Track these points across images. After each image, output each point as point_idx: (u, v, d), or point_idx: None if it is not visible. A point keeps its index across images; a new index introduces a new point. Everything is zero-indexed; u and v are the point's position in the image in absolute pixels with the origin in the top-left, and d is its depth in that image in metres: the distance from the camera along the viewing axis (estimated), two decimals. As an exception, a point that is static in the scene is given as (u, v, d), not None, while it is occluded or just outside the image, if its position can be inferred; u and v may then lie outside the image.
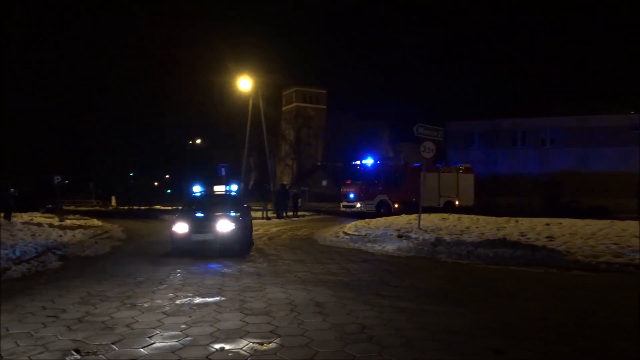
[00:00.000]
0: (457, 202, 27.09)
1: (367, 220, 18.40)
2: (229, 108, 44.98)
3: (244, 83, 30.36)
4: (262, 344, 4.69)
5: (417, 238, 12.51)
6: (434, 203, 25.45)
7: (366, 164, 27.01)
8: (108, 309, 6.04)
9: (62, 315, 5.80)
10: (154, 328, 5.23)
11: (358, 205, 25.26)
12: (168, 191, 59.69)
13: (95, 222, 20.52)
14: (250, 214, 14.87)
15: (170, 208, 38.15)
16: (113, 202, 51.83)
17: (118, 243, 14.27)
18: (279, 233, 17.10)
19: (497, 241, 11.02)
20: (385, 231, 14.08)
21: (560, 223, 15.20)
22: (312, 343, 4.71)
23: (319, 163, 66.30)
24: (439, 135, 15.62)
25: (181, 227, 11.23)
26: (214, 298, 6.70)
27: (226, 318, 5.64)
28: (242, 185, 30.83)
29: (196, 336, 4.95)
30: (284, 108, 76.67)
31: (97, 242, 13.79)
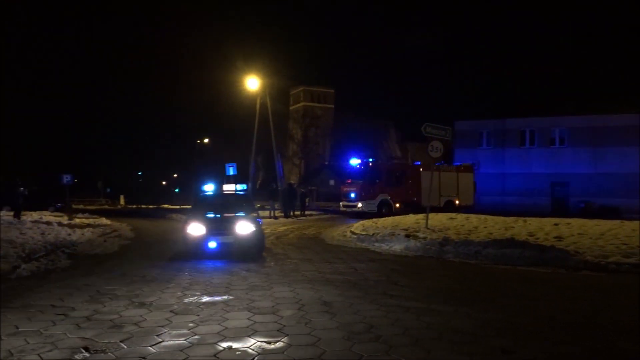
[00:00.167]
0: (457, 202, 26.75)
1: (375, 219, 18.38)
2: (237, 107, 45.14)
3: (252, 82, 30.37)
4: (270, 343, 4.70)
5: (425, 238, 12.48)
6: (435, 202, 25.21)
7: (367, 163, 26.50)
8: (117, 307, 6.08)
9: (71, 313, 5.83)
10: (162, 326, 5.25)
11: (359, 204, 24.92)
12: (176, 190, 59.95)
13: (103, 221, 20.65)
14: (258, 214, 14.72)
15: (178, 207, 38.34)
16: (121, 201, 52.22)
17: (126, 242, 14.34)
18: (287, 232, 17.11)
19: (505, 241, 10.96)
20: (392, 231, 14.05)
21: (569, 223, 15.11)
22: (320, 342, 4.71)
23: (326, 162, 66.29)
24: (447, 134, 15.57)
25: (196, 229, 10.31)
26: (222, 297, 6.72)
27: (234, 317, 5.65)
28: (251, 184, 30.85)
29: (204, 335, 4.96)
30: (292, 107, 76.65)
31: (106, 241, 13.86)
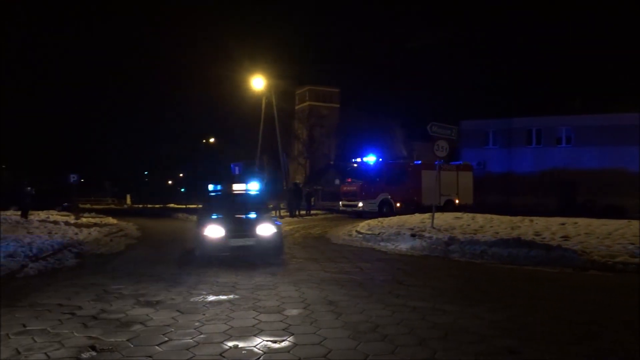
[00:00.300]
0: (457, 201, 26.52)
1: (380, 219, 18.35)
2: (242, 107, 45.22)
3: (257, 82, 30.38)
4: (276, 342, 4.70)
5: (431, 237, 12.45)
6: (436, 201, 25.02)
7: (367, 162, 25.78)
8: (123, 307, 6.10)
9: (78, 312, 5.87)
10: (169, 325, 5.27)
11: (360, 204, 24.50)
12: (182, 189, 60.12)
13: (110, 220, 20.77)
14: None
15: (184, 206, 38.47)
16: (128, 201, 52.52)
17: (133, 241, 14.41)
18: (292, 232, 17.12)
19: (512, 240, 10.92)
20: (398, 230, 14.04)
21: (575, 223, 15.01)
22: (325, 341, 4.71)
23: (332, 162, 66.24)
24: (453, 134, 15.54)
25: (214, 231, 9.67)
26: (228, 296, 6.73)
27: (240, 316, 5.67)
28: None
29: (210, 334, 4.98)
30: (297, 107, 76.58)
31: (112, 240, 13.93)
